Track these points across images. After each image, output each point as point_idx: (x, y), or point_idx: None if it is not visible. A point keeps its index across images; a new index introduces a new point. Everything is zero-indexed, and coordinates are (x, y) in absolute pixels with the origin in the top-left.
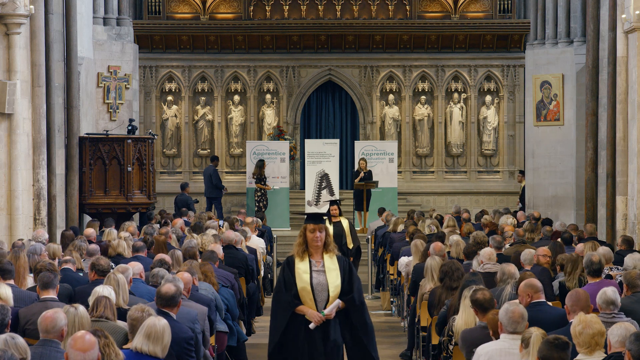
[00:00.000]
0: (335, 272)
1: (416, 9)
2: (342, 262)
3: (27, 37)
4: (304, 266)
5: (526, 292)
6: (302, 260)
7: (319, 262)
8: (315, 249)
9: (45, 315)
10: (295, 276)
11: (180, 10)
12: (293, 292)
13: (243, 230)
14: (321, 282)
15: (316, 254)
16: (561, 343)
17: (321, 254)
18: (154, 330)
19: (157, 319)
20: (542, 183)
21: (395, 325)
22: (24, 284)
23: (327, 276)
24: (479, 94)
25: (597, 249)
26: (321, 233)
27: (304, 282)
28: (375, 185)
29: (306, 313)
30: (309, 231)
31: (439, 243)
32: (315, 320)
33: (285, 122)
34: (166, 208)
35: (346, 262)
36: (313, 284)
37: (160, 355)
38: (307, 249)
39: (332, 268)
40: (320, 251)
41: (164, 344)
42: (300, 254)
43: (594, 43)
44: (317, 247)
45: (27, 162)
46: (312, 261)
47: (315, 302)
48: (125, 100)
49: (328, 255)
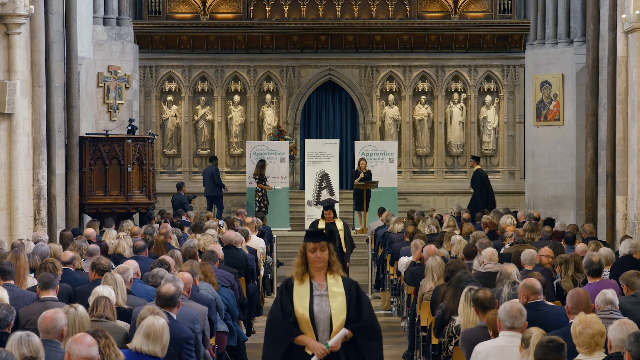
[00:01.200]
0: (340, 297)
1: (416, 9)
2: (348, 285)
3: (27, 37)
4: (303, 290)
5: (523, 292)
6: (302, 283)
7: (321, 285)
8: (317, 271)
9: (45, 315)
10: (294, 301)
11: (180, 10)
12: (291, 320)
13: (244, 230)
14: (323, 308)
15: (318, 276)
16: (556, 345)
17: (324, 276)
18: (153, 330)
19: (155, 319)
20: (542, 183)
21: (395, 325)
22: (24, 284)
23: (330, 301)
24: (479, 94)
25: (599, 249)
26: (323, 252)
27: (303, 309)
28: (375, 185)
29: (307, 344)
30: (309, 251)
31: (432, 246)
32: (318, 354)
33: (285, 122)
34: (166, 208)
35: (353, 284)
36: (314, 311)
37: (159, 354)
38: (308, 270)
39: (336, 292)
40: (324, 273)
41: (163, 343)
42: (300, 275)
43: (594, 43)
44: (320, 269)
45: (27, 162)
46: (314, 284)
47: (315, 331)
48: (125, 100)
49: (332, 277)
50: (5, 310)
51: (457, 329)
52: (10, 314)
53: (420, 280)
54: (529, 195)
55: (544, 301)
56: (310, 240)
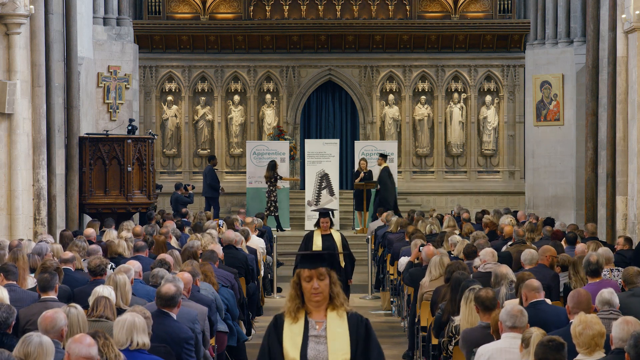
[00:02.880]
0: (342, 339)
1: (416, 9)
2: (356, 323)
3: (27, 37)
4: (296, 329)
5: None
6: (296, 320)
7: (319, 324)
8: (314, 305)
9: (45, 315)
10: (284, 344)
11: (180, 10)
12: None
13: (244, 230)
14: (320, 353)
15: (316, 312)
16: (556, 344)
17: (324, 312)
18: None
19: (129, 315)
20: (542, 183)
21: (395, 325)
22: (24, 284)
23: (329, 344)
24: (479, 94)
25: (597, 249)
26: (322, 281)
27: (294, 353)
28: (375, 185)
29: None
30: (304, 280)
31: (431, 246)
32: None
33: (285, 122)
34: (166, 208)
35: (362, 322)
36: (308, 356)
37: (148, 344)
38: (304, 305)
39: (338, 332)
40: (323, 308)
41: (147, 332)
42: (293, 312)
43: (594, 43)
44: (318, 303)
45: (27, 162)
46: (310, 322)
47: None
48: (125, 100)
49: (335, 314)
50: (6, 312)
51: (457, 329)
52: (10, 316)
53: (418, 281)
54: (529, 195)
55: (544, 300)
56: (305, 266)
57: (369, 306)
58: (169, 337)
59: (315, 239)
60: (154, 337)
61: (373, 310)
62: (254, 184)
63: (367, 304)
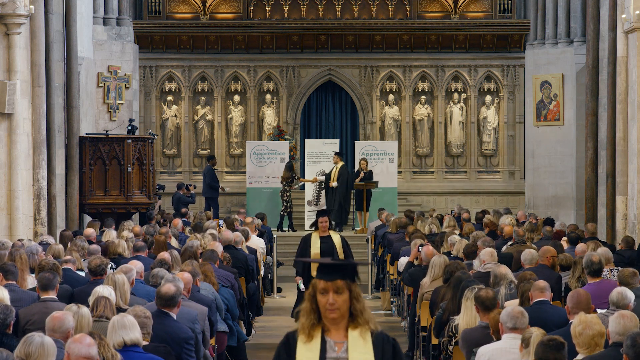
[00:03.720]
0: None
1: (416, 9)
2: (381, 344)
3: (27, 37)
4: (312, 350)
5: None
6: (310, 339)
7: (339, 345)
8: (331, 323)
9: (54, 315)
10: None
11: (180, 10)
12: None
13: (244, 230)
14: None
15: (335, 331)
16: (556, 344)
17: (344, 331)
18: (124, 322)
19: (119, 316)
20: (542, 183)
21: (395, 325)
22: (24, 285)
23: None
24: (479, 94)
25: (597, 249)
26: (340, 296)
27: None
28: (376, 185)
29: None
30: (319, 292)
31: (430, 247)
32: None
33: (285, 122)
34: (166, 208)
35: (389, 342)
36: None
37: (142, 340)
38: (320, 322)
39: (362, 355)
40: (343, 326)
41: (137, 328)
42: (308, 329)
43: (594, 43)
44: (334, 321)
45: (27, 162)
46: (329, 342)
47: None
48: (125, 100)
49: (357, 333)
50: (3, 313)
51: (457, 329)
52: (9, 316)
53: (418, 281)
54: (529, 195)
55: (547, 300)
56: (320, 277)
57: (369, 306)
58: (169, 337)
59: (313, 242)
60: (154, 337)
61: (373, 310)
62: (254, 184)
63: (367, 304)
